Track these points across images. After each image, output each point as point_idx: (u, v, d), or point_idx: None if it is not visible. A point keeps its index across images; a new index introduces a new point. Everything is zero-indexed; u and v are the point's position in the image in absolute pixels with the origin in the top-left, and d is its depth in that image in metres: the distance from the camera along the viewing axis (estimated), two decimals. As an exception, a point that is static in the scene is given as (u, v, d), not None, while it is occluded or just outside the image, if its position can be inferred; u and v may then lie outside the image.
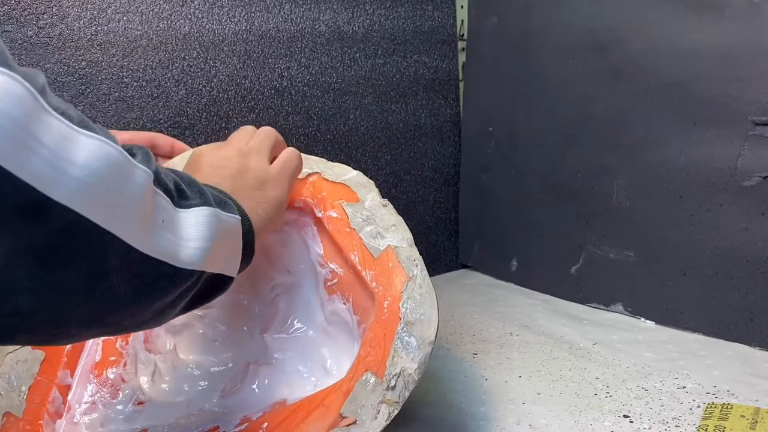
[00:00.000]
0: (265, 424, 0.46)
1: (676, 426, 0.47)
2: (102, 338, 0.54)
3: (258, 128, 0.49)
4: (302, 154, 0.55)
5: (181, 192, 0.34)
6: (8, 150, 0.23)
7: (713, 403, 0.48)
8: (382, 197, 0.51)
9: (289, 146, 0.50)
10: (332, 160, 0.55)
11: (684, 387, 0.53)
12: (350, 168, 0.53)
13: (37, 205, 0.24)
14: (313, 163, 0.54)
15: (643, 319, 0.69)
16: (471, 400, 0.54)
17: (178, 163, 0.53)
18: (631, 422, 0.48)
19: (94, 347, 0.54)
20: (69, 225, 0.25)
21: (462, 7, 0.93)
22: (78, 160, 0.25)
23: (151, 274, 0.31)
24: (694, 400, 0.51)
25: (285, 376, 0.52)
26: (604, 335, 0.65)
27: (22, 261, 0.24)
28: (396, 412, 0.41)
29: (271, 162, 0.46)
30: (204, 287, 0.36)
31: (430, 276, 0.46)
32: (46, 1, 0.62)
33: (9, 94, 0.23)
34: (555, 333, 0.67)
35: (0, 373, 0.49)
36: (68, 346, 0.52)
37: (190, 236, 0.33)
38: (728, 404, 0.48)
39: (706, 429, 0.45)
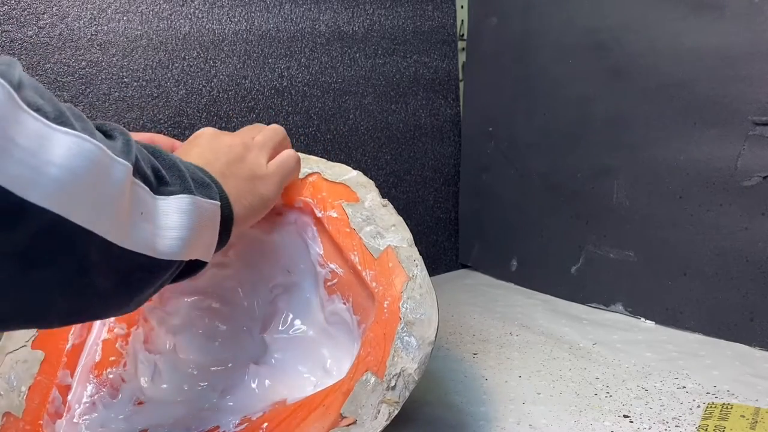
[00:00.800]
0: (265, 424, 0.46)
1: (676, 426, 0.47)
2: (100, 338, 0.54)
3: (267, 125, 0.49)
4: (302, 155, 0.55)
5: (161, 178, 0.33)
6: None
7: (713, 403, 0.48)
8: (382, 197, 0.51)
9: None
10: (332, 160, 0.55)
11: (684, 387, 0.53)
12: (350, 168, 0.53)
13: (15, 209, 0.23)
14: (313, 163, 0.54)
15: (643, 319, 0.69)
16: (471, 400, 0.54)
17: None
18: (631, 422, 0.48)
19: (93, 347, 0.54)
20: (48, 226, 0.25)
21: (462, 7, 0.93)
22: (55, 159, 0.25)
23: (130, 267, 0.30)
24: (694, 400, 0.51)
25: (285, 376, 0.52)
26: (604, 335, 0.65)
27: (0, 265, 0.24)
28: (396, 412, 0.41)
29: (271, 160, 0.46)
30: (179, 273, 0.36)
31: (430, 276, 0.46)
32: (46, 1, 0.62)
33: None
34: (555, 333, 0.67)
35: (0, 373, 0.49)
36: (68, 346, 0.52)
37: (169, 225, 0.33)
38: (728, 404, 0.48)
39: (706, 429, 0.45)
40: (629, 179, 0.69)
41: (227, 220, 0.39)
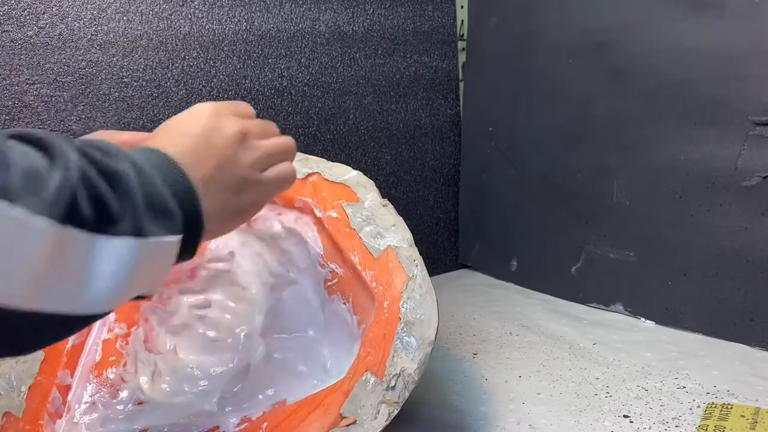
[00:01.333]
0: (265, 424, 0.46)
1: (676, 426, 0.47)
2: (100, 338, 0.54)
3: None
4: (302, 155, 0.55)
5: (106, 213, 0.28)
6: None
7: (713, 403, 0.48)
8: (382, 197, 0.51)
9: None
10: (332, 160, 0.55)
11: (684, 387, 0.53)
12: (350, 168, 0.53)
13: None
14: (313, 164, 0.54)
15: (643, 319, 0.69)
16: (471, 400, 0.54)
17: None
18: (631, 422, 0.48)
19: (94, 347, 0.54)
20: None
21: (462, 7, 0.93)
22: None
23: (37, 327, 0.27)
24: (694, 400, 0.51)
25: (285, 376, 0.52)
26: (604, 335, 0.65)
27: None
28: (396, 412, 0.41)
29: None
30: None
31: (430, 276, 0.46)
32: (46, 1, 0.62)
33: None
34: (555, 333, 0.67)
35: (0, 373, 0.49)
36: (68, 346, 0.52)
37: (101, 273, 0.28)
38: (728, 404, 0.48)
39: (706, 429, 0.45)
40: (629, 179, 0.69)
41: (195, 236, 0.34)
